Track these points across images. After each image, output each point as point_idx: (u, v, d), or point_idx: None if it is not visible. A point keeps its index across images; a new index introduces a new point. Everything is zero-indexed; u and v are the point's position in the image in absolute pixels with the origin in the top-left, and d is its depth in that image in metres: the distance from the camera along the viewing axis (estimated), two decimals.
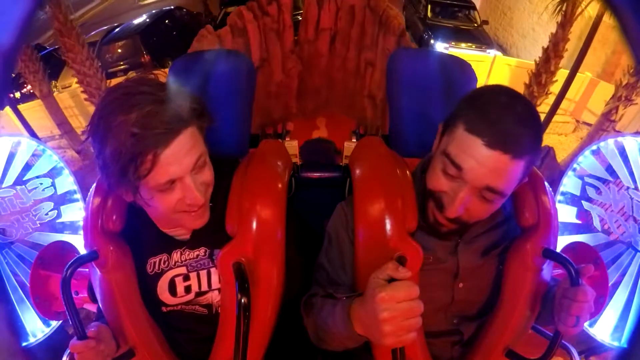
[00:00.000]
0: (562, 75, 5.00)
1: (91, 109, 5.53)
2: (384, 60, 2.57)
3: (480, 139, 0.74)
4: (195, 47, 2.70)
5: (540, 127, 0.80)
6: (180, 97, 0.80)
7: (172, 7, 8.81)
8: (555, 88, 5.00)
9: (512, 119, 0.75)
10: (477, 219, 0.86)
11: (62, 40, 4.64)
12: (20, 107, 5.63)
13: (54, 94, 5.59)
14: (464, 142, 0.77)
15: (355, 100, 2.73)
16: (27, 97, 6.52)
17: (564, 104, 5.37)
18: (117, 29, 8.17)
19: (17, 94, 6.92)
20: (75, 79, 5.61)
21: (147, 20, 8.23)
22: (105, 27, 8.72)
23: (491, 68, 6.38)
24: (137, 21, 8.30)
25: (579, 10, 4.62)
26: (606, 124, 4.47)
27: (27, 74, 4.91)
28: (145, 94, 0.77)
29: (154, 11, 8.94)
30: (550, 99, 4.98)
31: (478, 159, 0.75)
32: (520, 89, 4.89)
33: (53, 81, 5.76)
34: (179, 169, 0.79)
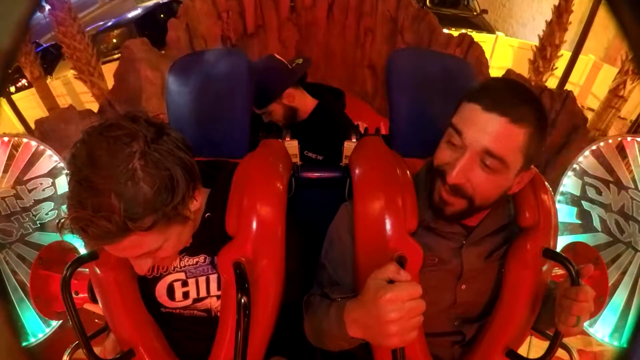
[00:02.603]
0: (565, 58, 4.82)
1: (83, 97, 5.52)
2: (384, 26, 2.47)
3: (479, 104, 0.79)
4: (187, 3, 2.62)
5: (540, 105, 0.82)
6: (140, 197, 0.69)
7: (170, 0, 8.70)
8: (559, 72, 4.82)
9: (510, 89, 0.82)
10: (481, 195, 0.84)
11: (54, 13, 4.64)
12: (13, 96, 5.65)
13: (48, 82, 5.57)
14: (465, 111, 0.82)
15: (355, 73, 2.61)
16: (21, 91, 6.45)
17: (568, 88, 5.29)
18: (112, 21, 7.97)
19: (12, 88, 6.90)
20: (69, 72, 5.60)
21: (143, 11, 8.03)
22: (100, 23, 8.54)
23: (494, 48, 6.20)
24: (132, 13, 8.11)
25: None
26: (614, 100, 4.32)
27: (19, 56, 4.88)
28: (95, 183, 0.67)
29: (150, 3, 8.82)
30: (554, 83, 4.85)
31: (477, 123, 0.79)
32: (525, 67, 4.76)
33: (48, 76, 5.72)
34: (120, 255, 0.79)
